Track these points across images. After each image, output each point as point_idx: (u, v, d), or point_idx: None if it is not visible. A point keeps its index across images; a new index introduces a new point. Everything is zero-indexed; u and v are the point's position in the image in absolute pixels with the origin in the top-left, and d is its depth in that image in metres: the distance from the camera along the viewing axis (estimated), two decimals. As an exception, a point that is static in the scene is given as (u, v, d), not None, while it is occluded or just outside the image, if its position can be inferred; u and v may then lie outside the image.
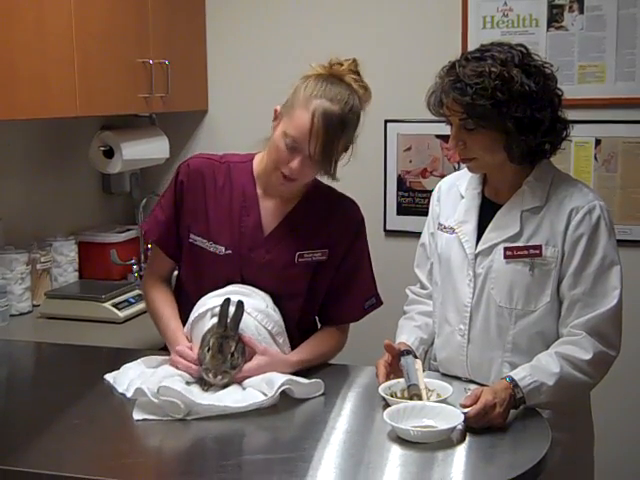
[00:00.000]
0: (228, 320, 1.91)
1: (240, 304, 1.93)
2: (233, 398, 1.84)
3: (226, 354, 1.88)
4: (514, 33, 3.15)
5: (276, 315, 2.03)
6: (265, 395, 1.84)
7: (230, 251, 2.07)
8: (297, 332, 2.11)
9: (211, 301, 2.00)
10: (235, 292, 2.01)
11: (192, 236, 2.11)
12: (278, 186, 2.04)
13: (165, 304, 2.15)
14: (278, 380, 1.86)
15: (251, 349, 1.93)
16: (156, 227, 2.18)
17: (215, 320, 1.93)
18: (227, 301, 1.93)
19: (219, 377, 1.88)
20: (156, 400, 1.78)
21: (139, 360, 2.05)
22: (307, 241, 2.09)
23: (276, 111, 2.04)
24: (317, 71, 2.03)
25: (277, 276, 2.08)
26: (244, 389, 1.89)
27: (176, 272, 2.25)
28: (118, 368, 2.02)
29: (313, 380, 1.93)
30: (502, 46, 1.91)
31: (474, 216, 2.02)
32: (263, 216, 2.10)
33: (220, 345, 1.88)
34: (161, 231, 2.17)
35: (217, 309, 1.94)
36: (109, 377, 1.99)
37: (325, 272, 2.11)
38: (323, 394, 1.91)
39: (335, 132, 1.96)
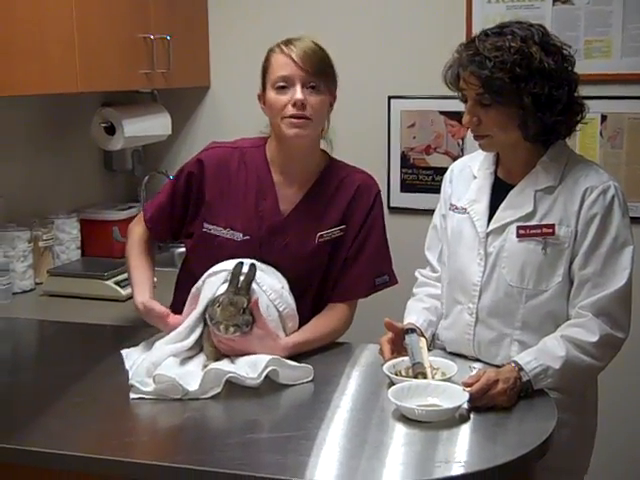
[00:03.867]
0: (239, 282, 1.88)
1: (252, 266, 1.92)
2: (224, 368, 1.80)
3: (238, 307, 1.83)
4: (519, 7, 3.11)
5: (290, 298, 2.01)
6: (249, 376, 1.79)
7: (248, 237, 2.07)
8: (312, 312, 2.09)
9: (229, 264, 1.97)
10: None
11: (206, 225, 2.11)
12: (292, 138, 2.01)
13: (141, 256, 2.20)
14: (263, 361, 1.81)
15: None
16: (150, 208, 2.25)
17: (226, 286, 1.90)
18: (240, 264, 1.92)
19: (231, 329, 1.82)
20: (151, 389, 1.77)
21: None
22: (326, 220, 2.09)
23: (259, 95, 2.10)
24: None
25: (298, 258, 2.07)
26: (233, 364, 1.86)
27: (179, 263, 2.26)
28: (120, 346, 2.02)
29: (302, 365, 1.89)
30: (521, 24, 1.91)
31: (486, 195, 2.01)
32: (280, 199, 2.09)
33: (231, 299, 1.84)
34: (153, 212, 2.23)
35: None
36: (125, 352, 1.98)
37: (342, 247, 2.10)
38: (312, 380, 1.87)
39: (315, 52, 2.03)
